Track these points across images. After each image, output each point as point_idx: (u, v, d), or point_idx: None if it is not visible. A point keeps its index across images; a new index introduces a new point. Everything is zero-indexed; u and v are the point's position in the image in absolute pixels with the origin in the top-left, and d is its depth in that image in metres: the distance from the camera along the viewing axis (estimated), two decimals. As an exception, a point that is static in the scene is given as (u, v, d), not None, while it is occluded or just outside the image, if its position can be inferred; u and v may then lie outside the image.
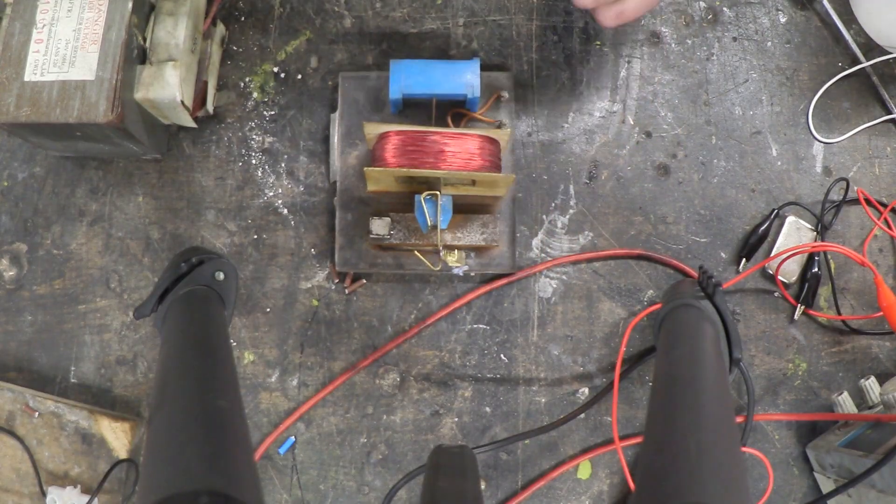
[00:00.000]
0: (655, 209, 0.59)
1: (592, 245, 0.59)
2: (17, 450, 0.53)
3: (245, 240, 0.58)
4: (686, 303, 0.48)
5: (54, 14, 0.50)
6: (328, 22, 0.60)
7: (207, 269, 0.50)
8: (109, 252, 0.58)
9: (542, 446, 0.57)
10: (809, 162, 0.60)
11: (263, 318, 0.57)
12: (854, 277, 0.59)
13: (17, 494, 0.53)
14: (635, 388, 0.58)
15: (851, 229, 0.60)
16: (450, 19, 0.61)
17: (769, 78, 0.61)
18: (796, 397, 0.58)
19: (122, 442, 0.54)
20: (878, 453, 0.47)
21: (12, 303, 0.58)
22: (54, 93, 0.49)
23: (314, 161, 0.59)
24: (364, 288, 0.58)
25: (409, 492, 0.56)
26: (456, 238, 0.55)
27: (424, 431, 0.57)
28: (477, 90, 0.54)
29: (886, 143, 0.60)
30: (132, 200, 0.59)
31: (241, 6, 0.60)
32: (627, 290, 0.58)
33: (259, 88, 0.60)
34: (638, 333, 0.58)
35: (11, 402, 0.54)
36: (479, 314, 0.58)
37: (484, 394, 0.57)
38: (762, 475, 0.56)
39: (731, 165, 0.60)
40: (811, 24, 0.61)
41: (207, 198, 0.59)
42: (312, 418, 0.57)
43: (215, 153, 0.59)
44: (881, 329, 0.58)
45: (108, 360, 0.57)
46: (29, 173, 0.59)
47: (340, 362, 0.57)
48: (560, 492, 0.56)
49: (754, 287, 0.59)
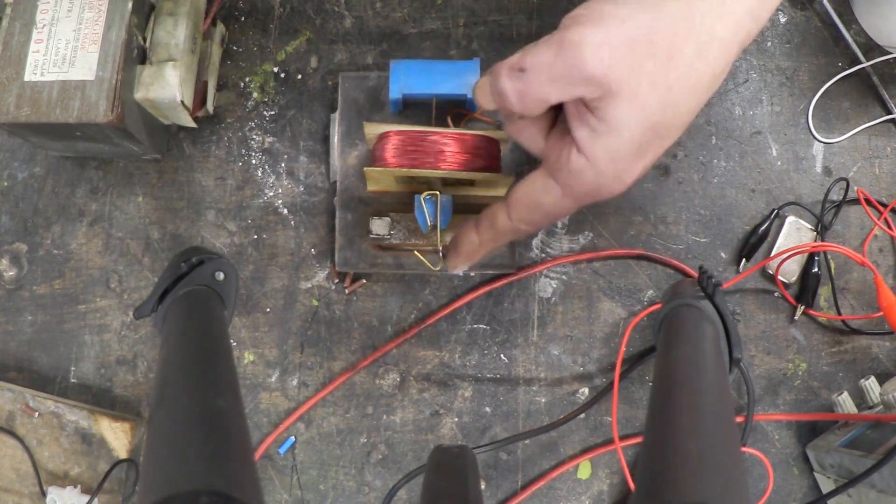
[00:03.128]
0: (655, 209, 0.59)
1: (592, 245, 0.59)
2: (17, 450, 0.53)
3: (245, 240, 0.58)
4: (686, 303, 0.48)
5: (54, 14, 0.50)
6: (328, 22, 0.60)
7: (207, 269, 0.50)
8: (109, 252, 0.58)
9: (542, 446, 0.57)
10: (809, 162, 0.60)
11: (263, 318, 0.57)
12: (854, 277, 0.59)
13: (17, 494, 0.53)
14: (635, 388, 0.58)
15: (851, 229, 0.60)
16: (450, 19, 0.61)
17: (769, 78, 0.61)
18: (796, 397, 0.58)
19: (122, 442, 0.54)
20: (878, 453, 0.47)
21: (12, 303, 0.58)
22: (54, 93, 0.49)
23: (314, 161, 0.59)
24: (364, 288, 0.58)
25: (409, 492, 0.56)
26: (456, 238, 0.55)
27: (424, 431, 0.57)
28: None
29: (886, 143, 0.60)
30: (132, 200, 0.59)
31: (241, 6, 0.60)
32: (627, 290, 0.58)
33: (259, 88, 0.60)
34: (638, 333, 0.58)
35: (11, 402, 0.54)
36: (479, 314, 0.58)
37: (484, 394, 0.57)
38: (762, 475, 0.56)
39: (731, 165, 0.60)
40: (811, 24, 0.61)
41: (207, 198, 0.59)
42: (312, 418, 0.57)
43: (215, 153, 0.59)
44: (881, 329, 0.58)
45: (108, 360, 0.57)
46: (29, 173, 0.59)
47: (340, 362, 0.57)
48: (560, 492, 0.56)
49: (754, 287, 0.59)
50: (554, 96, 0.34)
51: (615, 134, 0.34)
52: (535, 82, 0.34)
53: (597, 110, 0.34)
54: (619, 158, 0.34)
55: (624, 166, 0.35)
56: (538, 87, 0.34)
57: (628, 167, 0.35)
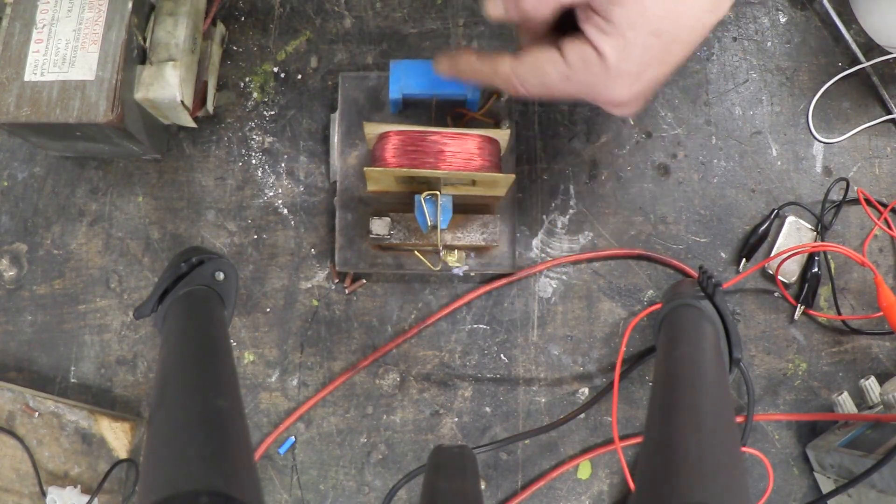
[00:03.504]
0: (655, 209, 0.59)
1: (592, 245, 0.59)
2: (17, 450, 0.53)
3: (245, 240, 0.58)
4: (686, 303, 0.48)
5: (54, 14, 0.50)
6: (328, 22, 0.60)
7: (207, 269, 0.50)
8: (109, 252, 0.58)
9: (542, 446, 0.57)
10: (809, 162, 0.60)
11: (263, 318, 0.57)
12: (854, 277, 0.59)
13: (17, 494, 0.53)
14: (635, 388, 0.58)
15: (851, 229, 0.60)
16: (450, 19, 0.61)
17: (769, 78, 0.61)
18: (796, 397, 0.58)
19: (122, 442, 0.54)
20: (878, 453, 0.47)
21: (12, 303, 0.58)
22: (54, 93, 0.49)
23: (314, 161, 0.59)
24: (364, 288, 0.58)
25: (409, 492, 0.56)
26: (456, 238, 0.55)
27: (424, 431, 0.57)
28: (477, 90, 0.54)
29: (886, 143, 0.60)
30: (132, 200, 0.59)
31: (241, 6, 0.60)
32: (627, 290, 0.58)
33: (259, 88, 0.60)
34: (638, 333, 0.58)
35: (11, 402, 0.54)
36: (479, 314, 0.58)
37: (484, 394, 0.57)
38: (762, 475, 0.56)
39: (731, 165, 0.60)
40: (811, 24, 0.61)
41: (207, 198, 0.59)
42: (312, 418, 0.57)
43: (215, 153, 0.59)
44: (881, 329, 0.58)
45: (108, 360, 0.57)
46: (29, 173, 0.59)
47: (340, 362, 0.57)
48: (560, 492, 0.56)
49: (754, 287, 0.59)
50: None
51: (621, 34, 0.36)
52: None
53: (605, 13, 0.36)
54: (625, 59, 0.37)
55: (629, 68, 0.37)
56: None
57: (633, 71, 0.37)
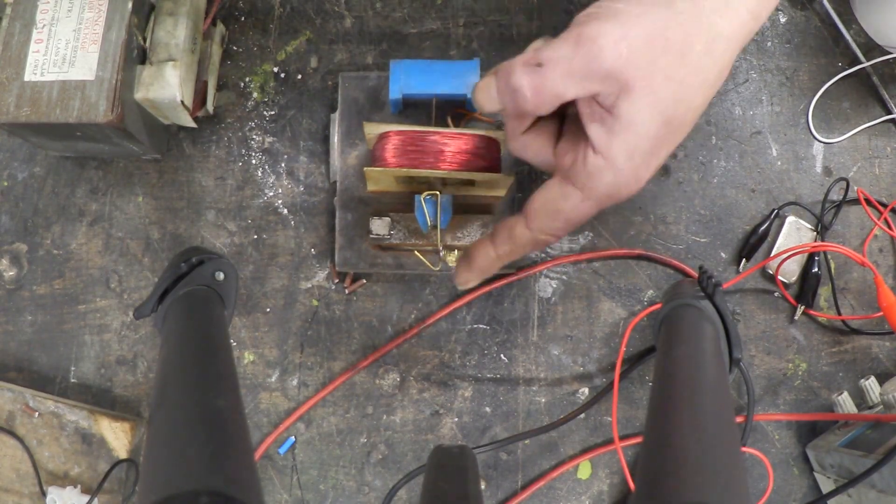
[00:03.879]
0: (655, 209, 0.59)
1: (592, 245, 0.59)
2: (17, 450, 0.53)
3: (245, 240, 0.58)
4: (686, 303, 0.48)
5: (54, 14, 0.50)
6: (328, 22, 0.60)
7: (207, 269, 0.50)
8: (109, 252, 0.58)
9: (542, 446, 0.57)
10: (809, 162, 0.60)
11: (263, 318, 0.57)
12: (854, 277, 0.59)
13: (17, 494, 0.53)
14: (635, 388, 0.58)
15: (851, 229, 0.60)
16: (450, 19, 0.61)
17: (769, 78, 0.61)
18: (796, 397, 0.58)
19: (122, 442, 0.54)
20: (878, 453, 0.47)
21: (12, 303, 0.58)
22: (54, 93, 0.49)
23: (314, 161, 0.59)
24: (364, 288, 0.58)
25: (409, 492, 0.56)
26: (456, 238, 0.55)
27: (424, 431, 0.57)
28: (477, 90, 0.54)
29: (886, 143, 0.60)
30: (132, 200, 0.59)
31: (241, 6, 0.60)
32: (627, 290, 0.58)
33: (259, 88, 0.60)
34: (638, 333, 0.58)
35: (11, 402, 0.54)
36: (479, 314, 0.58)
37: (484, 394, 0.57)
38: (762, 475, 0.56)
39: (731, 165, 0.60)
40: (811, 24, 0.61)
41: (207, 198, 0.59)
42: (312, 418, 0.57)
43: (215, 153, 0.59)
44: (881, 329, 0.58)
45: (108, 360, 0.57)
46: (29, 173, 0.59)
47: (340, 362, 0.57)
48: (560, 492, 0.56)
49: (754, 287, 0.59)
50: (571, 91, 0.34)
51: (632, 130, 0.34)
52: (552, 77, 0.34)
53: (612, 107, 0.34)
54: (636, 155, 0.34)
55: (641, 162, 0.35)
56: (554, 82, 0.34)
57: (645, 164, 0.35)
